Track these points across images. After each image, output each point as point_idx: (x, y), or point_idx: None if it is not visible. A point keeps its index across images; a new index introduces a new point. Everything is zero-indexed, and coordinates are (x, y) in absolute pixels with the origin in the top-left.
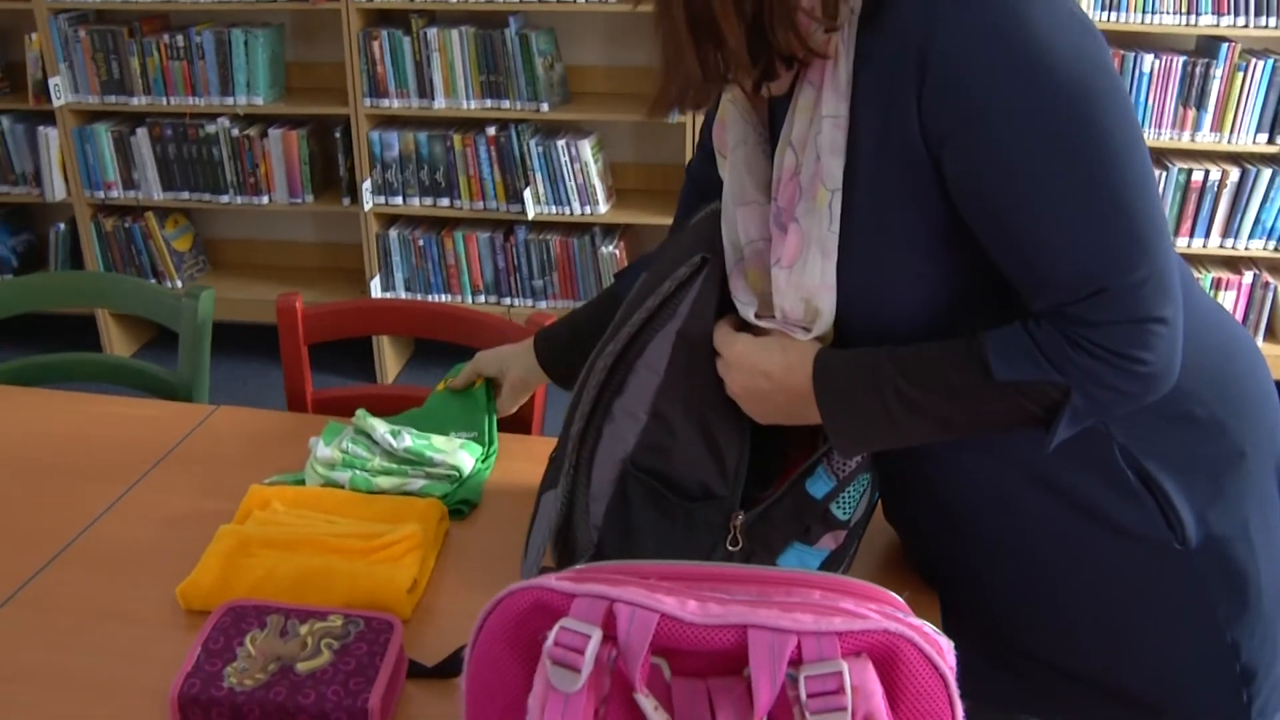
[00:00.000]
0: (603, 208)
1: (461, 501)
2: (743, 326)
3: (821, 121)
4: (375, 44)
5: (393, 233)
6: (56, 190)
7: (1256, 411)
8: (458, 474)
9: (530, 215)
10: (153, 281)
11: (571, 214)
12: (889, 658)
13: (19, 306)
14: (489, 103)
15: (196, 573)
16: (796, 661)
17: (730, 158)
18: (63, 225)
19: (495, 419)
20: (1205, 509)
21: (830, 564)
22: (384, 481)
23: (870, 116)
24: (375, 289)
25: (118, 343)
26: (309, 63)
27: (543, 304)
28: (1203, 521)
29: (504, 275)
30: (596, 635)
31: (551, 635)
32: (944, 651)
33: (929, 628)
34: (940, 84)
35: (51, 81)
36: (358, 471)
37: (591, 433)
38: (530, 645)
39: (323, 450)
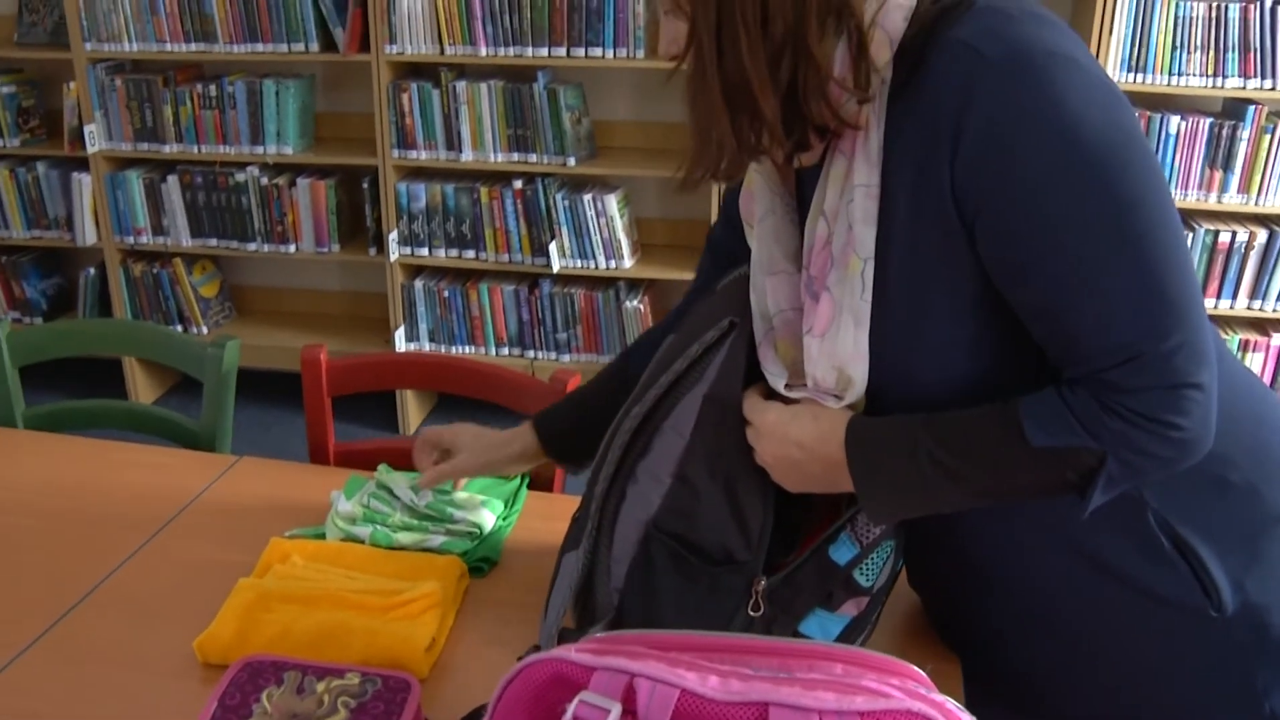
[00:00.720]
0: (628, 262)
1: (481, 559)
2: (771, 395)
3: (854, 190)
4: (405, 96)
5: (418, 283)
6: (88, 235)
7: None
8: (478, 531)
9: (555, 269)
10: (178, 329)
11: (596, 268)
12: None
13: (49, 352)
14: (516, 156)
15: (214, 626)
16: None
17: (758, 228)
18: (92, 270)
19: (526, 481)
20: (1242, 576)
21: (852, 630)
22: (404, 537)
23: (902, 186)
24: (400, 340)
25: (143, 388)
26: (339, 113)
27: (566, 358)
28: (1239, 589)
29: (528, 328)
30: (616, 710)
31: (570, 709)
32: None
33: (951, 704)
34: (973, 155)
35: (87, 129)
36: (378, 527)
37: (615, 494)
38: (549, 717)
39: (344, 505)
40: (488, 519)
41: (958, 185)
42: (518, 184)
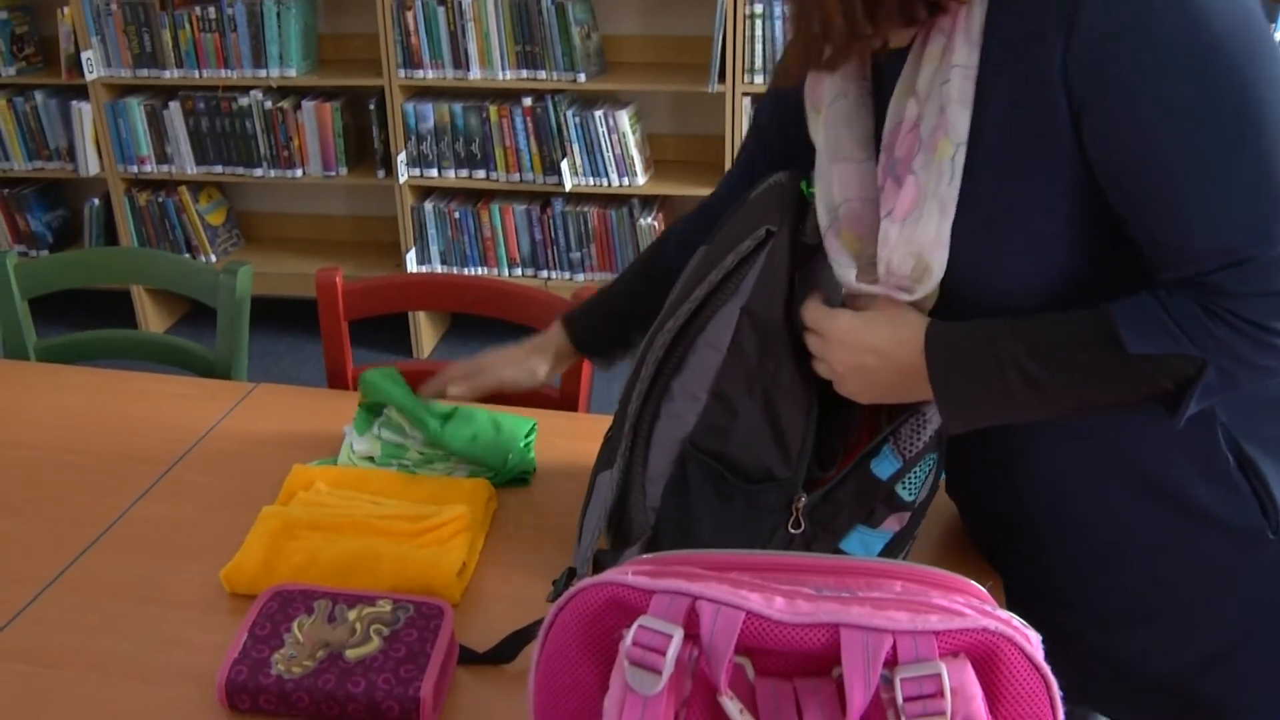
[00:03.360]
0: (640, 179)
1: (522, 473)
2: (830, 302)
3: (950, 71)
4: (409, 14)
5: (428, 205)
6: (90, 165)
7: None
8: (503, 460)
9: (567, 187)
10: (188, 256)
11: (609, 186)
12: (988, 658)
13: (57, 283)
14: (525, 73)
15: (240, 555)
16: (891, 662)
17: (826, 113)
18: (97, 201)
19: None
20: None
21: (894, 546)
22: (428, 472)
23: (1002, 70)
24: (411, 262)
25: (153, 317)
26: (342, 34)
27: (580, 276)
28: None
29: (541, 248)
30: (678, 635)
31: (630, 634)
32: (1037, 647)
33: (1018, 621)
34: (1089, 43)
35: (84, 55)
36: (400, 463)
37: (649, 412)
38: (605, 644)
39: (359, 444)
40: (510, 444)
41: (1070, 72)
42: (527, 101)
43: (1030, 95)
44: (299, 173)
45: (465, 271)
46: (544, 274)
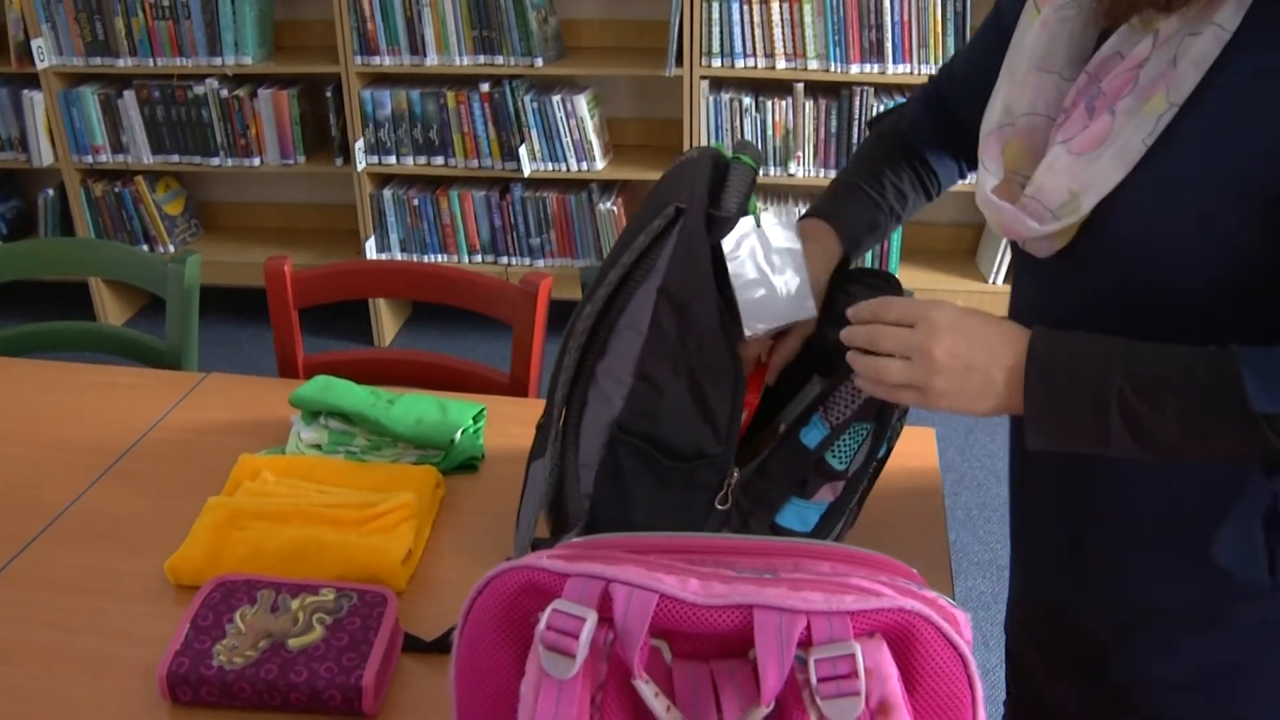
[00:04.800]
0: (599, 164)
1: (469, 459)
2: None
3: (1205, 26)
4: (365, 0)
5: (387, 193)
6: (44, 155)
7: None
8: (450, 443)
9: (526, 173)
10: (143, 247)
11: (568, 171)
12: (904, 637)
13: (6, 274)
14: (482, 58)
15: (185, 547)
16: (806, 643)
17: (1049, 15)
18: (51, 191)
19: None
20: None
21: (830, 516)
22: (375, 459)
23: (1261, 46)
24: (370, 250)
25: (111, 309)
26: (298, 20)
27: (540, 262)
28: None
29: (500, 234)
30: (592, 618)
31: (544, 618)
32: (961, 626)
33: (945, 600)
34: None
35: (34, 44)
36: (348, 450)
37: (577, 399)
38: (522, 628)
39: (306, 432)
40: (456, 426)
41: None
42: (485, 87)
43: (1273, 86)
44: (256, 161)
45: (425, 259)
46: (504, 260)
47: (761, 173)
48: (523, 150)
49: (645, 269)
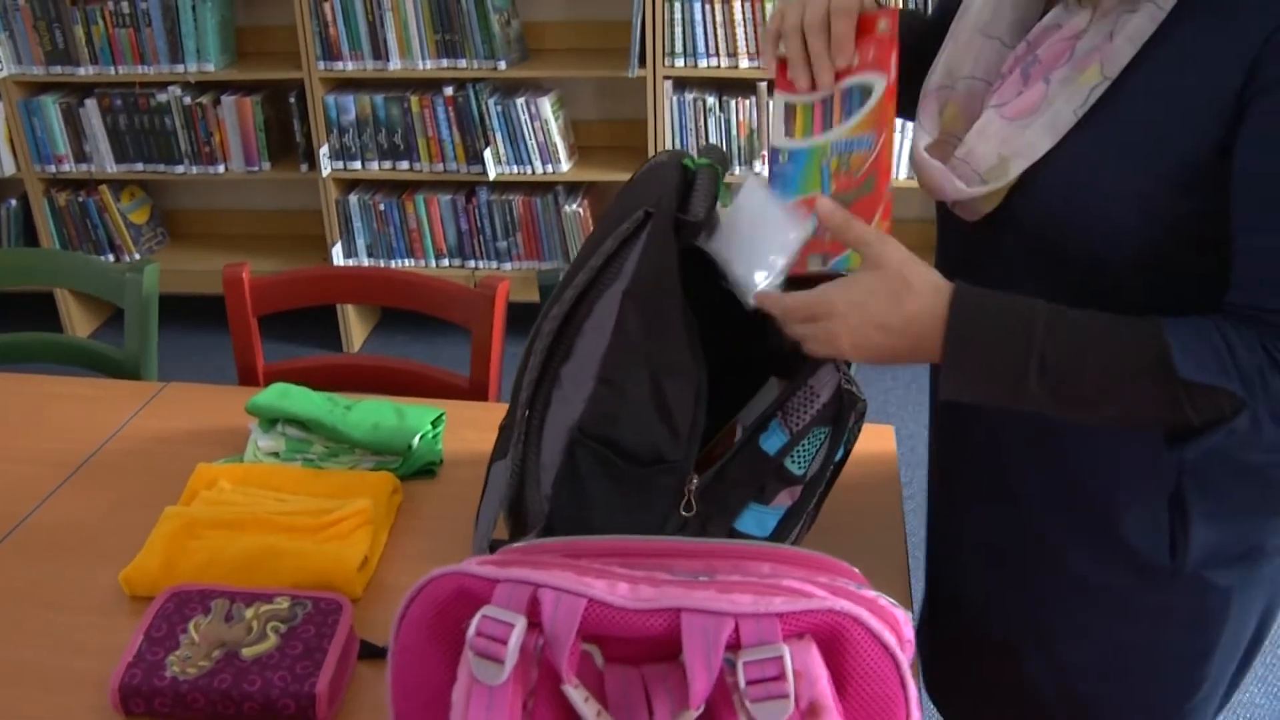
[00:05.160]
0: (565, 166)
1: (427, 464)
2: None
3: (1143, 4)
4: (327, 5)
5: (353, 198)
6: (5, 165)
7: None
8: (408, 449)
9: (491, 176)
10: (109, 257)
11: (533, 173)
12: (835, 639)
13: None
14: (445, 62)
15: (140, 557)
16: (735, 646)
17: None
18: (14, 201)
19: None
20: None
21: (788, 521)
22: (333, 465)
23: (1194, 22)
24: (337, 256)
25: (78, 320)
26: (260, 26)
27: (508, 265)
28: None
29: (467, 237)
30: (520, 624)
31: (473, 625)
32: (898, 624)
33: (884, 600)
34: None
35: None
36: (305, 458)
37: (540, 400)
38: (454, 635)
39: (264, 440)
40: (414, 431)
41: (1266, 53)
42: (448, 91)
43: (1209, 59)
44: (221, 169)
45: (393, 264)
46: (471, 264)
47: (727, 173)
48: (487, 153)
49: (612, 273)
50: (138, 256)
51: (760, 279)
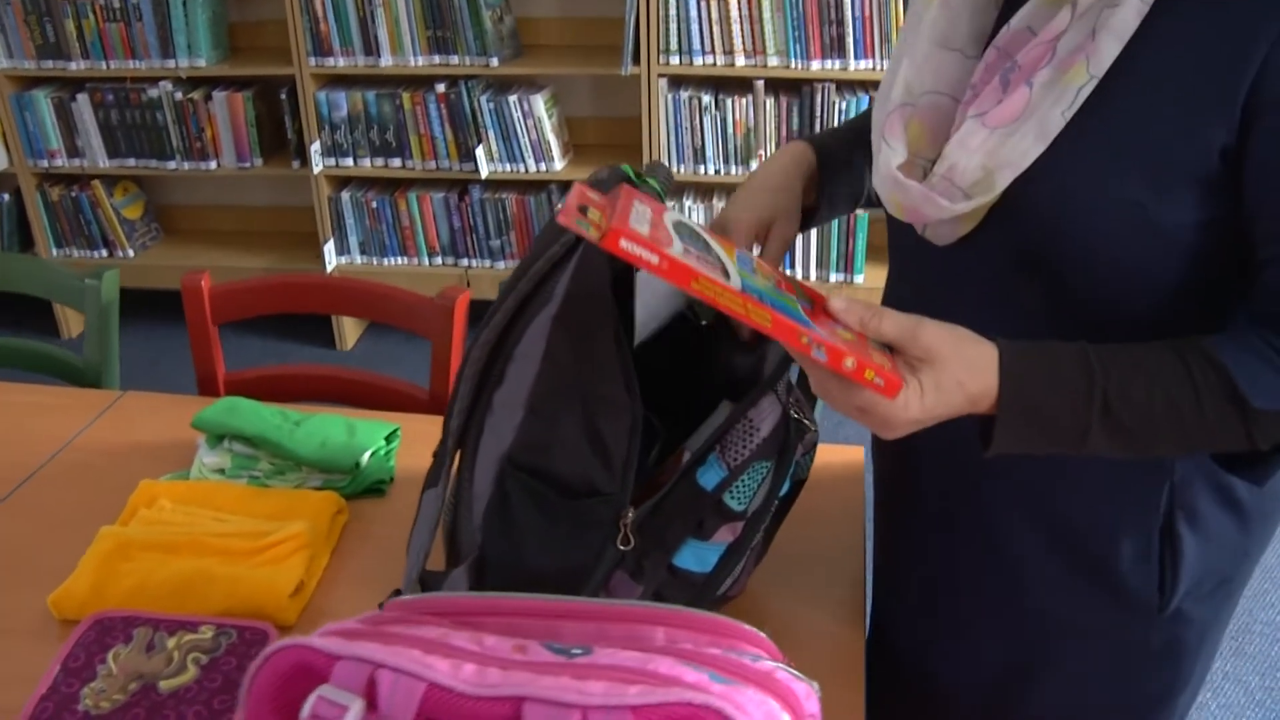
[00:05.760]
0: (558, 164)
1: (376, 483)
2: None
3: None
4: (318, 1)
5: (345, 195)
6: None
7: None
8: (356, 466)
9: (484, 174)
10: (102, 253)
11: (526, 171)
12: None
13: None
14: (437, 58)
15: (71, 580)
16: None
17: None
18: (7, 196)
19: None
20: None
21: (729, 557)
22: (279, 483)
23: (1192, 17)
24: (330, 254)
25: (74, 322)
26: (251, 22)
27: (501, 264)
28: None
29: (460, 236)
30: (356, 706)
31: (308, 705)
32: (797, 701)
33: (783, 674)
34: None
35: None
36: (251, 475)
37: (474, 428)
38: (295, 711)
39: (209, 456)
40: (364, 448)
41: (1273, 66)
42: (440, 88)
43: (1204, 54)
44: (213, 164)
45: (385, 262)
46: (464, 262)
47: (722, 172)
48: (480, 151)
49: (543, 296)
50: (131, 253)
51: (645, 327)
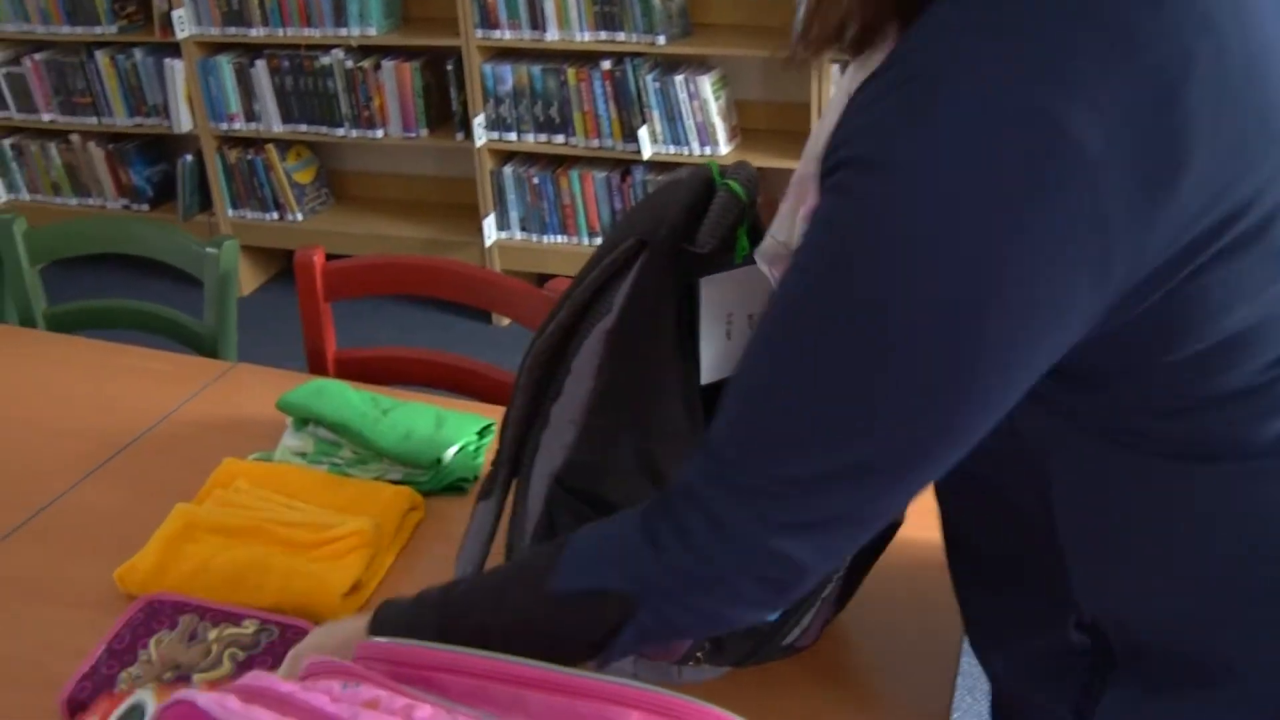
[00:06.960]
0: (724, 148)
1: (460, 480)
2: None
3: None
4: None
5: (508, 170)
6: (183, 122)
7: None
8: (438, 461)
9: (646, 155)
10: (274, 215)
11: (690, 154)
12: None
13: (60, 251)
14: (603, 34)
15: (138, 556)
16: None
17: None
18: (190, 157)
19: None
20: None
21: (796, 605)
22: (360, 473)
23: None
24: (490, 228)
25: (246, 279)
26: None
27: None
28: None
29: (620, 217)
30: None
31: None
32: None
33: None
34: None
35: (175, 14)
36: (332, 462)
37: (531, 443)
38: None
39: (293, 439)
40: (449, 443)
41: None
42: (606, 64)
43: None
44: (380, 133)
45: (545, 239)
46: None
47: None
48: (643, 131)
49: (603, 308)
50: (300, 217)
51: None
